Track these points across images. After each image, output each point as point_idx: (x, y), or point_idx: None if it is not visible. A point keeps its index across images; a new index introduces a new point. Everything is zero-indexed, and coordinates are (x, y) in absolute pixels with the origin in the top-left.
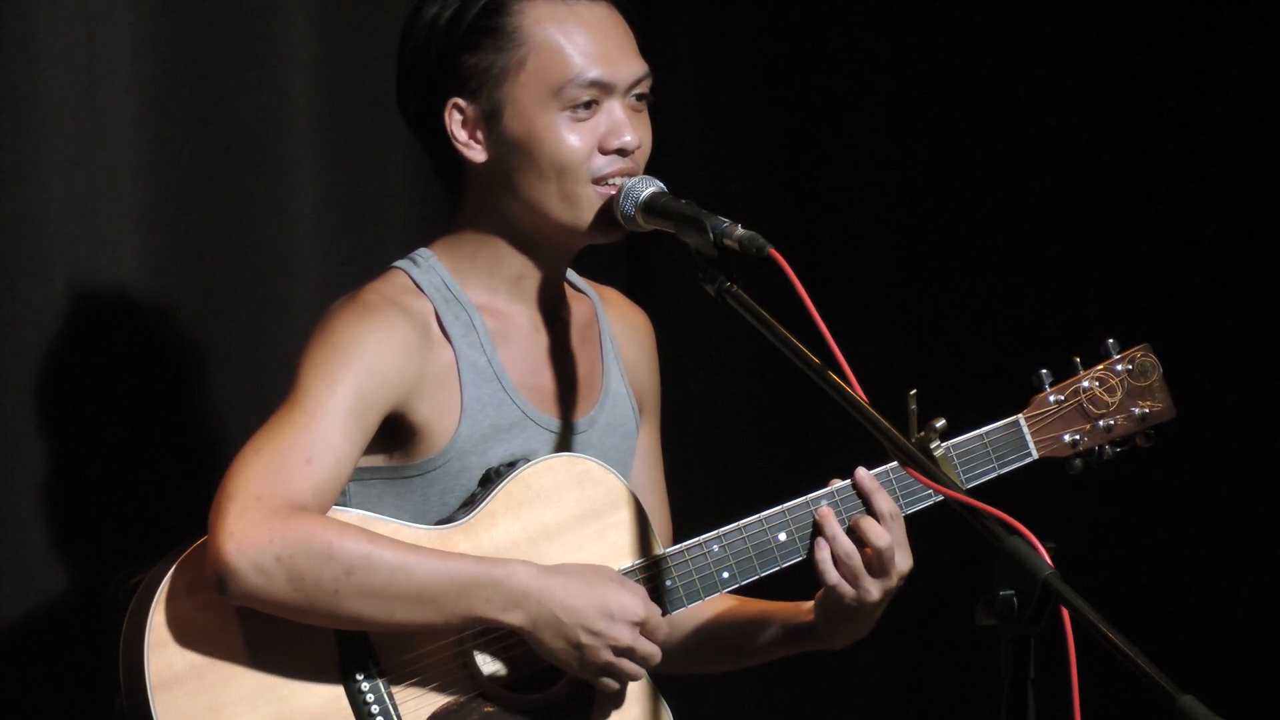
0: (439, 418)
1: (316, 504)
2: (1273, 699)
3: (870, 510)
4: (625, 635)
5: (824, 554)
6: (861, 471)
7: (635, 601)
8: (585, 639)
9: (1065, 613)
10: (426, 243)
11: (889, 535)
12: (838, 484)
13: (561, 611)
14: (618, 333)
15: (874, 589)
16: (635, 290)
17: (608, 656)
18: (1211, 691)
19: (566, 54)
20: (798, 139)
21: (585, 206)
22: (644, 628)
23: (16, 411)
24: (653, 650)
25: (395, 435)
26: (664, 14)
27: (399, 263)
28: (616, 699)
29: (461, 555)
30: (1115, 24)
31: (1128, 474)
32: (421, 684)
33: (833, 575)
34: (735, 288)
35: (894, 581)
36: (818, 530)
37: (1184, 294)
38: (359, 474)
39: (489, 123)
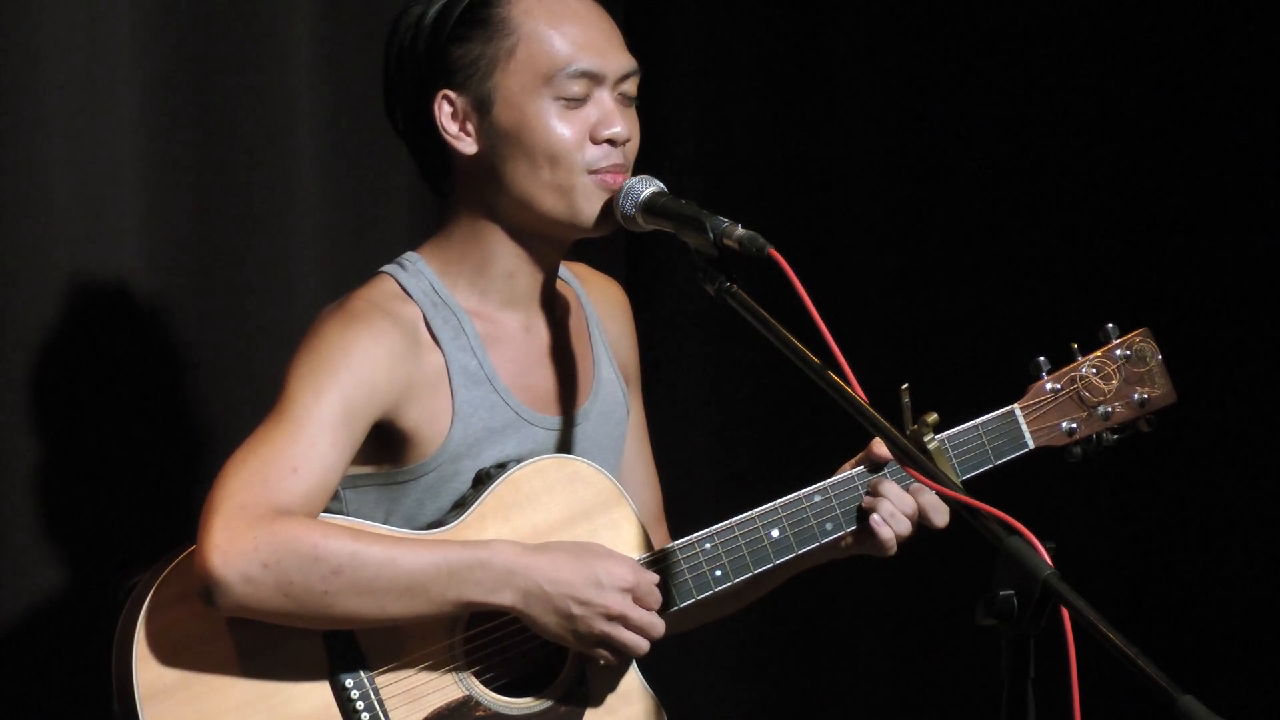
0: (430, 423)
1: (304, 513)
2: (1273, 699)
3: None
4: (616, 602)
5: (884, 530)
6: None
7: (624, 569)
8: (576, 609)
9: (1065, 613)
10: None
11: (947, 513)
12: (829, 481)
13: (549, 584)
14: (600, 314)
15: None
16: (635, 290)
17: (602, 626)
18: (1211, 691)
19: (556, 43)
20: (797, 139)
21: (579, 196)
22: (635, 595)
23: (15, 410)
24: (649, 619)
25: (386, 442)
26: (663, 13)
27: (386, 267)
28: (610, 702)
29: (446, 541)
30: (1105, 14)
31: (1128, 473)
32: (412, 689)
33: (887, 532)
34: (735, 288)
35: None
36: (873, 491)
37: (1184, 278)
38: (352, 480)
39: (479, 113)
